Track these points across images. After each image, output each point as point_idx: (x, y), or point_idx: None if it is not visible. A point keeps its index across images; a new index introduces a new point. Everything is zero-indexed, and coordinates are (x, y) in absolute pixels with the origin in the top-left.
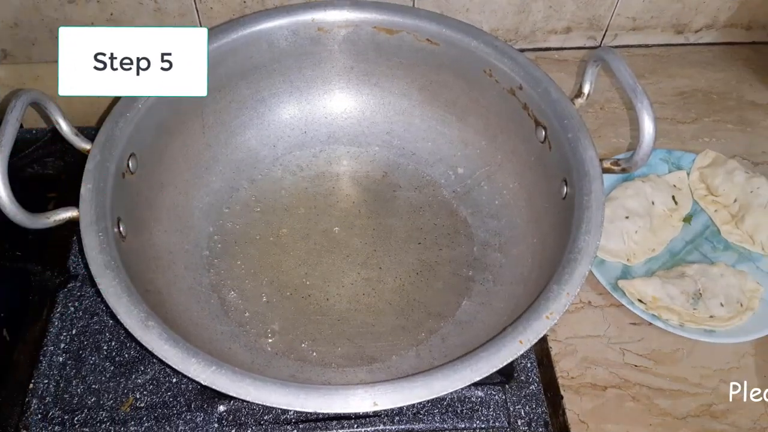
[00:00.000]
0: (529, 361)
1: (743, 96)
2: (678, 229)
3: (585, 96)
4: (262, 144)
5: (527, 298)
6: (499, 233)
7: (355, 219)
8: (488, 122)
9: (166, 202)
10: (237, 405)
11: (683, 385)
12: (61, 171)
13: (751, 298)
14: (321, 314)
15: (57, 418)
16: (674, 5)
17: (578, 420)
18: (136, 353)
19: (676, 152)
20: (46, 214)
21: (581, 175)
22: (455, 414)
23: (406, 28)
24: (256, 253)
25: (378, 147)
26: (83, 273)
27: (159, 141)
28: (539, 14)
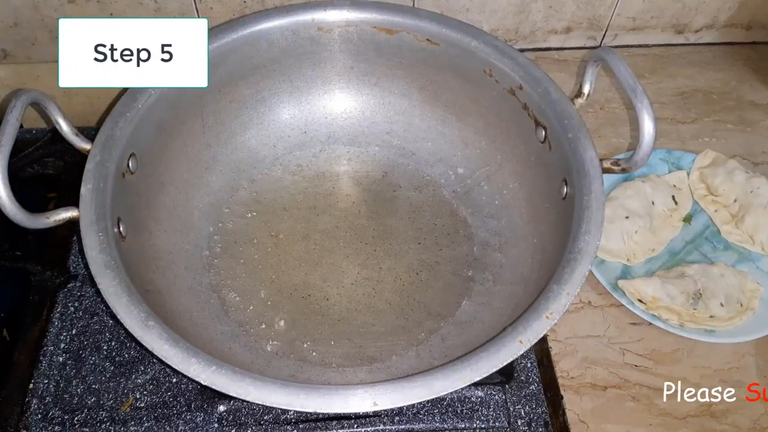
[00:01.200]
0: (529, 361)
1: (743, 96)
2: (678, 229)
3: (585, 96)
4: (262, 144)
5: (527, 298)
6: (499, 233)
7: (355, 219)
8: (488, 122)
9: (166, 202)
10: (237, 405)
11: (683, 385)
12: (61, 171)
13: (751, 298)
14: (321, 314)
15: (57, 418)
16: (674, 5)
17: (578, 420)
18: (136, 353)
19: (676, 152)
20: (46, 214)
21: (581, 175)
22: (455, 414)
23: (406, 28)
24: (256, 253)
25: (378, 147)
26: (83, 273)
27: (159, 141)
28: (539, 14)
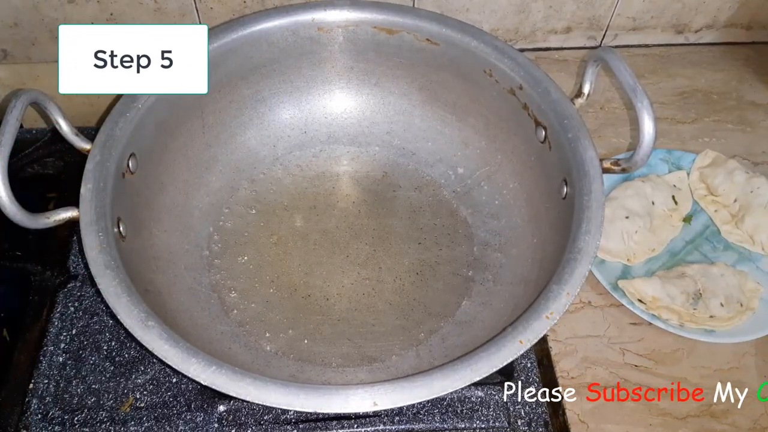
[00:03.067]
0: (529, 361)
1: (743, 96)
2: (678, 229)
3: (585, 96)
4: (262, 144)
5: (527, 298)
6: (499, 233)
7: (355, 219)
8: (488, 122)
9: (166, 202)
10: (237, 405)
11: (683, 385)
12: (61, 171)
13: (751, 298)
14: (321, 314)
15: (57, 418)
16: (674, 5)
17: (578, 420)
18: (136, 353)
19: (676, 152)
20: (46, 214)
21: (581, 175)
22: (455, 414)
23: (406, 28)
24: (256, 253)
25: (378, 147)
26: (83, 273)
27: (159, 141)
28: (539, 14)
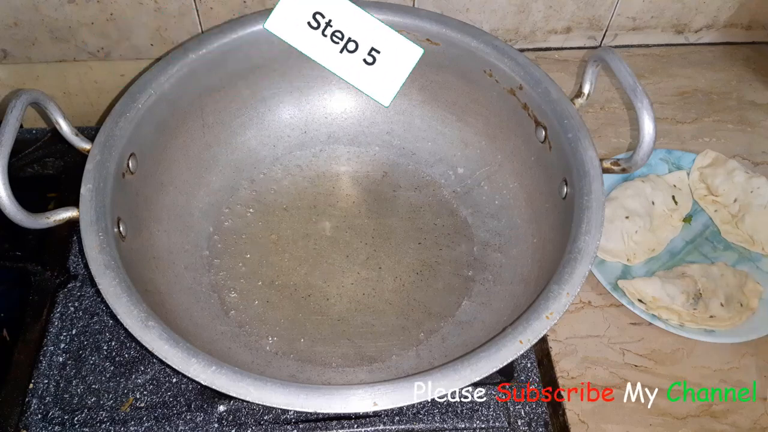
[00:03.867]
0: (529, 361)
1: (743, 96)
2: (678, 229)
3: (585, 96)
4: (262, 144)
5: (527, 298)
6: (499, 233)
7: (355, 219)
8: (488, 122)
9: (166, 202)
10: (237, 405)
11: (683, 385)
12: (61, 171)
13: (751, 298)
14: (321, 314)
15: (57, 418)
16: (674, 5)
17: (578, 420)
18: (136, 353)
19: (676, 152)
20: (46, 214)
21: (581, 175)
22: (455, 414)
23: (406, 28)
24: (256, 253)
25: (378, 147)
26: (83, 273)
27: (159, 141)
28: (539, 14)
